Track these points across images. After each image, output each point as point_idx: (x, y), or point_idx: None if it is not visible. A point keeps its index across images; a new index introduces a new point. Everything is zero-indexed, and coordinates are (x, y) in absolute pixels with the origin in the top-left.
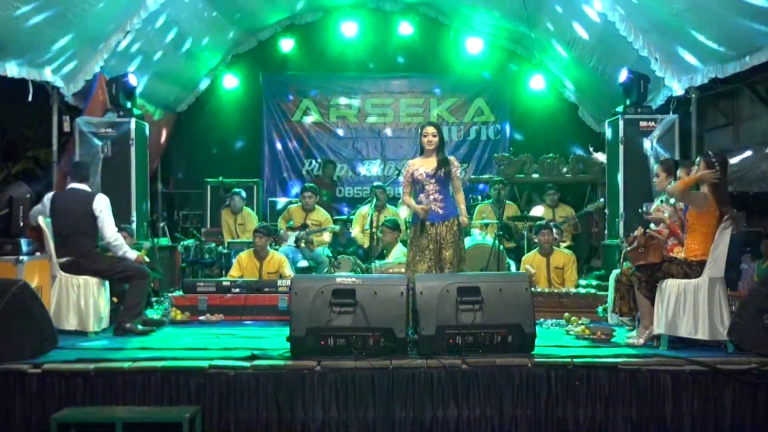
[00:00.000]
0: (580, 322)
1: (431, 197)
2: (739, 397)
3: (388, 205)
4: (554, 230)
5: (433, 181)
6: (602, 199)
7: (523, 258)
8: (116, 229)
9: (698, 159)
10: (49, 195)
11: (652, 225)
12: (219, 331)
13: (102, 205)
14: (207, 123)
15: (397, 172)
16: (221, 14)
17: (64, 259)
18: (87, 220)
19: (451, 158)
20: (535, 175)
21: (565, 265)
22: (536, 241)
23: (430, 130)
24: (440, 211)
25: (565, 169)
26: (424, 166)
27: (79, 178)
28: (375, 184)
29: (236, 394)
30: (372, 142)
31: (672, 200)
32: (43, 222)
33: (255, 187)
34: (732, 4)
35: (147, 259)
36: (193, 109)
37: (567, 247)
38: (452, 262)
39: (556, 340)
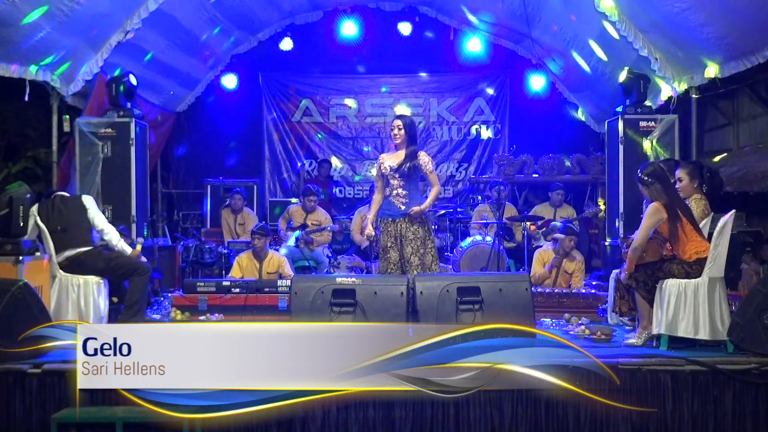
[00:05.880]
0: (580, 322)
1: (394, 192)
2: (739, 397)
3: None
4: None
5: (397, 175)
6: (597, 207)
7: (539, 251)
8: (107, 220)
9: (677, 170)
10: (34, 207)
11: None
12: None
13: (90, 202)
14: (207, 123)
15: None
16: (221, 14)
17: (62, 258)
18: (79, 216)
19: (421, 153)
20: (535, 175)
21: (574, 272)
22: (555, 239)
23: (396, 122)
24: (402, 207)
25: (565, 169)
26: (390, 160)
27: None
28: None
29: None
30: (372, 142)
31: None
32: (42, 222)
33: (255, 187)
34: (732, 4)
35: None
36: (193, 109)
37: None
38: (411, 262)
39: None
